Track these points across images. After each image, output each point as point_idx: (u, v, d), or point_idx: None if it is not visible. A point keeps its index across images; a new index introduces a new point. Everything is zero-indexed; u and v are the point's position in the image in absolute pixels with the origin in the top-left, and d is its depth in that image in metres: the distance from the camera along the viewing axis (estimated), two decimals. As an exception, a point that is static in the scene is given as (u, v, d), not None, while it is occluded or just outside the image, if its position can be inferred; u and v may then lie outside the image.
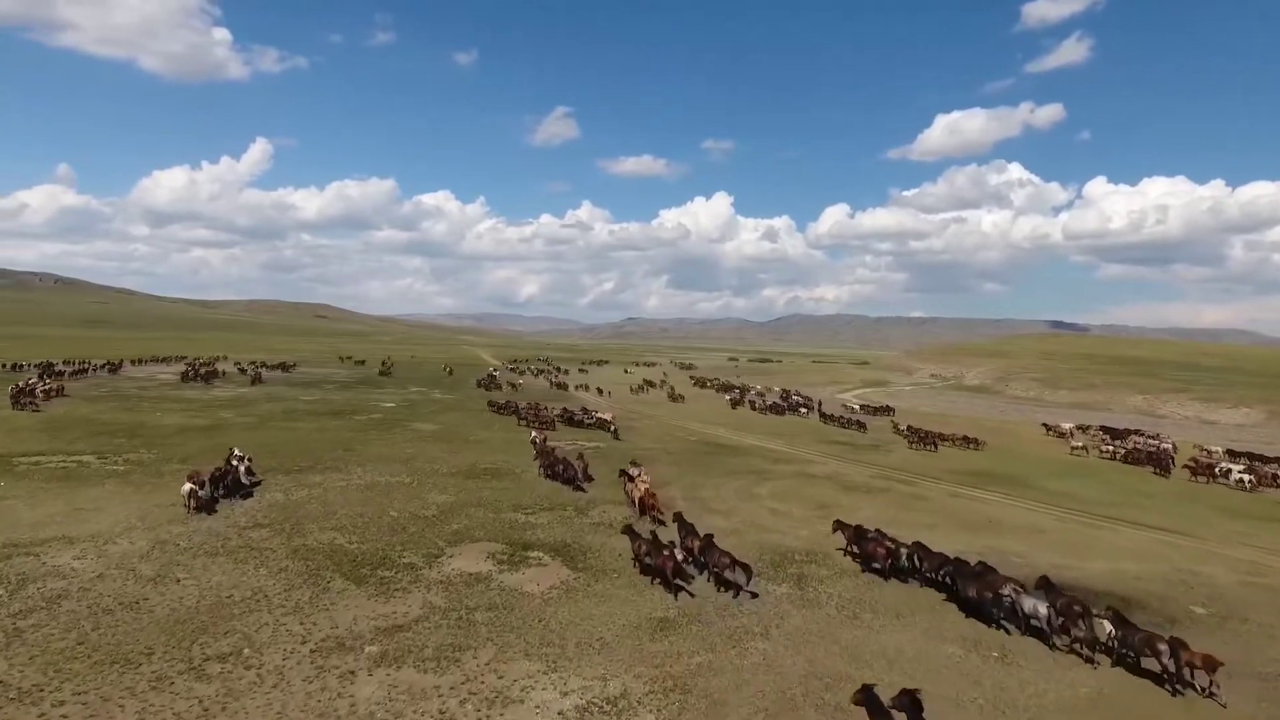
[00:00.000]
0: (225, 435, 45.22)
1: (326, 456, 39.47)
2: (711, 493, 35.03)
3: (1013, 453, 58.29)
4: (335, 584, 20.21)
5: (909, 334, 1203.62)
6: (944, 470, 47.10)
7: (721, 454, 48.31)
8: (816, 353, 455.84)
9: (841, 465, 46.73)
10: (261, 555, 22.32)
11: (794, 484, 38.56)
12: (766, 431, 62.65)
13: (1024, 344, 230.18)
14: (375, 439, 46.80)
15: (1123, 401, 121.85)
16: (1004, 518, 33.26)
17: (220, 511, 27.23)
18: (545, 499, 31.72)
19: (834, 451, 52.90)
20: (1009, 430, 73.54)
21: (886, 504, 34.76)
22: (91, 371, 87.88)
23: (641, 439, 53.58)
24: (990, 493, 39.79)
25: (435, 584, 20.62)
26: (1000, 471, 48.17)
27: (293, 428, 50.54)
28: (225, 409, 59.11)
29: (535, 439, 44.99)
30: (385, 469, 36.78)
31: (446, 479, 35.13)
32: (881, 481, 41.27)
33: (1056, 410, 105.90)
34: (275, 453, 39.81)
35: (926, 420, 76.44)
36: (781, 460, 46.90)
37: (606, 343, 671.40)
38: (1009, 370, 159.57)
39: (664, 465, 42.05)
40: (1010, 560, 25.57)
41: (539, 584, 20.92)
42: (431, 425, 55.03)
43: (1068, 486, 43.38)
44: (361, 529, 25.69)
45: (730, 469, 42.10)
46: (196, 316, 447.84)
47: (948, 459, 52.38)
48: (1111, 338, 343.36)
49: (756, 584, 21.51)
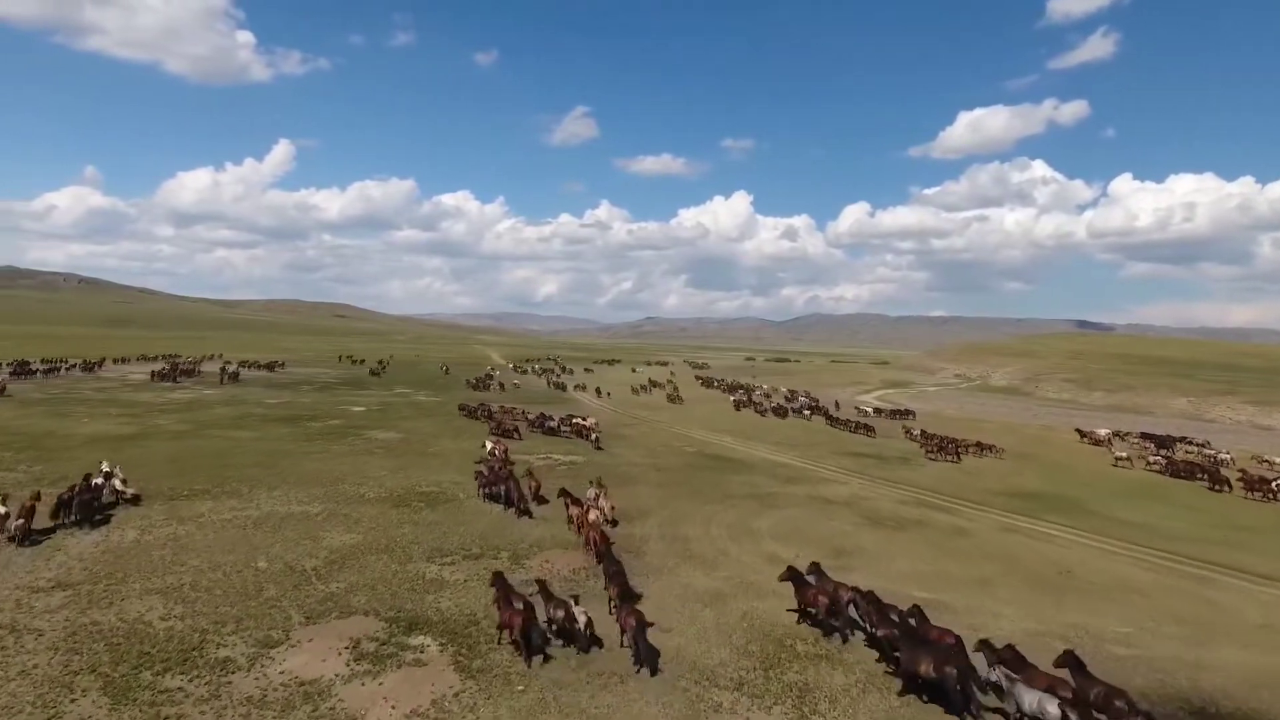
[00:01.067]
0: (140, 446, 38.74)
1: (239, 475, 32.59)
2: (698, 528, 27.60)
3: (1058, 466, 50.23)
4: (79, 707, 13.11)
5: (929, 333, 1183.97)
6: (985, 491, 39.38)
7: (721, 470, 40.84)
8: (836, 352, 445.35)
9: (864, 485, 39.13)
10: (16, 643, 15.34)
11: (805, 514, 31.00)
12: (778, 441, 55.03)
13: (1051, 343, 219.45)
14: (315, 452, 39.93)
15: (1165, 404, 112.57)
16: (1079, 566, 25.41)
17: (25, 554, 20.35)
18: (477, 540, 24.49)
19: (856, 466, 45.27)
20: (1048, 438, 65.21)
21: (924, 545, 27.08)
22: (64, 370, 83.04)
23: (629, 450, 46.28)
24: (1049, 524, 32.00)
25: (232, 708, 13.47)
26: (1051, 492, 40.37)
27: (228, 437, 43.83)
28: (167, 414, 52.61)
29: (490, 451, 38.08)
30: (300, 493, 29.81)
31: (366, 508, 28.05)
32: (914, 508, 33.58)
33: (1094, 415, 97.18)
34: (181, 469, 33.10)
35: (955, 426, 68.47)
36: (793, 479, 39.38)
37: (623, 342, 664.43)
38: (1038, 371, 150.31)
39: (647, 487, 34.70)
40: (1112, 651, 17.90)
41: (394, 710, 13.67)
42: (392, 434, 48.07)
43: (1140, 514, 35.47)
44: (200, 593, 18.64)
45: (728, 491, 34.62)
46: (215, 316, 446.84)
47: (984, 474, 44.61)
48: (1142, 337, 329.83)
49: (735, 706, 14.17)
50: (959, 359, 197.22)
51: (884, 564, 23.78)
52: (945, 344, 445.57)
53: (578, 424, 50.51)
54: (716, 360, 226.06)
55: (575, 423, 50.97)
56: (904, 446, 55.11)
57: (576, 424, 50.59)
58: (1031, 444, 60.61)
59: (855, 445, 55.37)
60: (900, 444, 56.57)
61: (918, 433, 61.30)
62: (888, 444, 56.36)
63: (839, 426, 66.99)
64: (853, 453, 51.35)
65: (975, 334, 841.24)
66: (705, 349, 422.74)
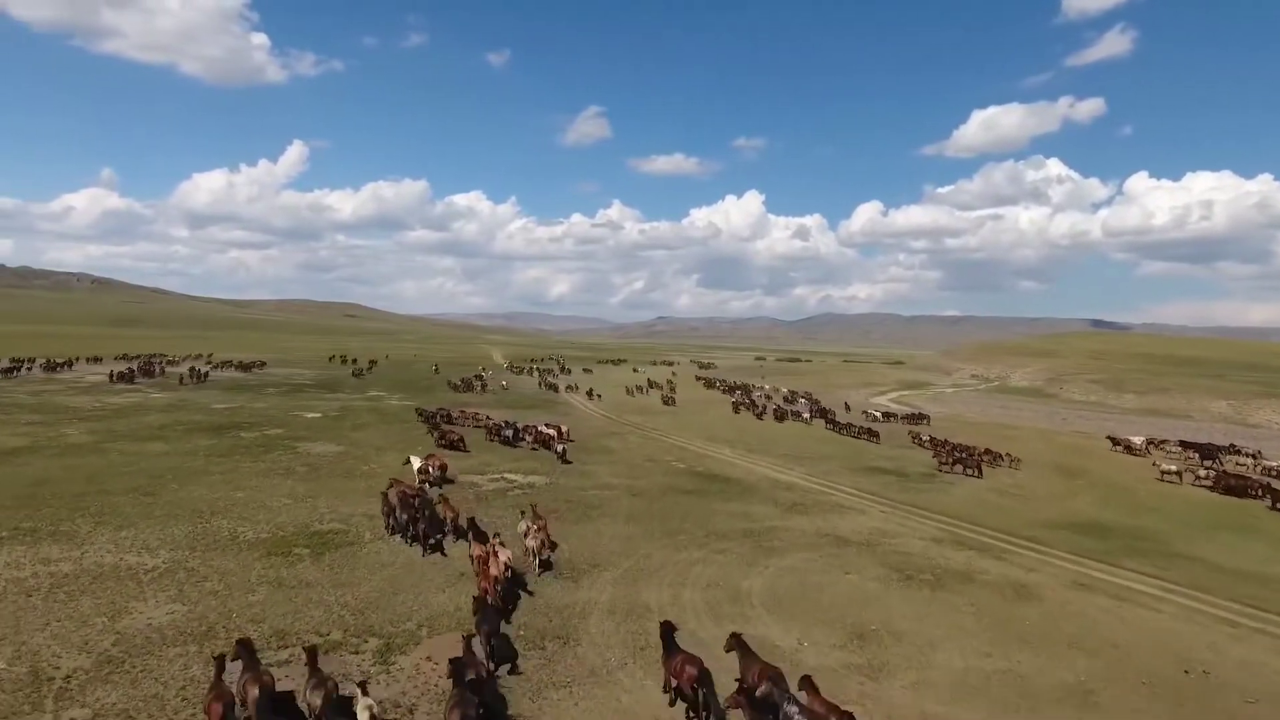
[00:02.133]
0: (9, 464, 32.02)
1: (98, 506, 25.69)
2: (666, 592, 20.30)
3: (1110, 484, 42.56)
4: None
5: (942, 333, 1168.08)
6: (1035, 521, 31.97)
7: (710, 495, 33.51)
8: (848, 352, 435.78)
9: (886, 514, 31.77)
10: None
11: (813, 563, 23.63)
12: (784, 453, 47.65)
13: (1071, 342, 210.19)
14: (219, 471, 32.95)
15: (1204, 408, 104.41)
16: (1211, 657, 17.77)
17: None
18: (350, 613, 17.36)
19: (874, 486, 37.93)
20: (1087, 448, 57.23)
21: (976, 618, 19.53)
22: (25, 369, 78.03)
23: (605, 466, 39.08)
24: (1132, 574, 24.52)
25: None
26: (1116, 522, 32.95)
27: (132, 451, 36.98)
28: (86, 422, 45.89)
29: (419, 469, 31.20)
30: (155, 534, 22.83)
31: (226, 558, 21.02)
32: (953, 551, 26.14)
33: (1127, 419, 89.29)
34: (32, 497, 26.34)
35: (980, 432, 60.96)
36: (798, 506, 32.06)
37: (634, 342, 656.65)
38: (1060, 371, 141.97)
39: (612, 522, 27.45)
40: None
41: None
42: (331, 447, 41.12)
43: (1237, 555, 27.97)
44: None
45: (715, 528, 27.29)
46: (225, 316, 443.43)
47: (1027, 497, 37.29)
48: (1166, 336, 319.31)
49: None
50: (975, 359, 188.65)
51: (926, 656, 16.50)
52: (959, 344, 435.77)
53: (542, 433, 43.30)
54: (727, 360, 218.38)
55: (540, 431, 43.74)
56: (929, 459, 47.62)
57: (541, 433, 43.38)
58: (1069, 454, 53.01)
59: (872, 458, 47.93)
60: (925, 456, 49.08)
61: (926, 439, 54.31)
62: (909, 456, 48.96)
63: (843, 432, 60.31)
64: (870, 468, 43.98)
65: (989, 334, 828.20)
66: (717, 349, 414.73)
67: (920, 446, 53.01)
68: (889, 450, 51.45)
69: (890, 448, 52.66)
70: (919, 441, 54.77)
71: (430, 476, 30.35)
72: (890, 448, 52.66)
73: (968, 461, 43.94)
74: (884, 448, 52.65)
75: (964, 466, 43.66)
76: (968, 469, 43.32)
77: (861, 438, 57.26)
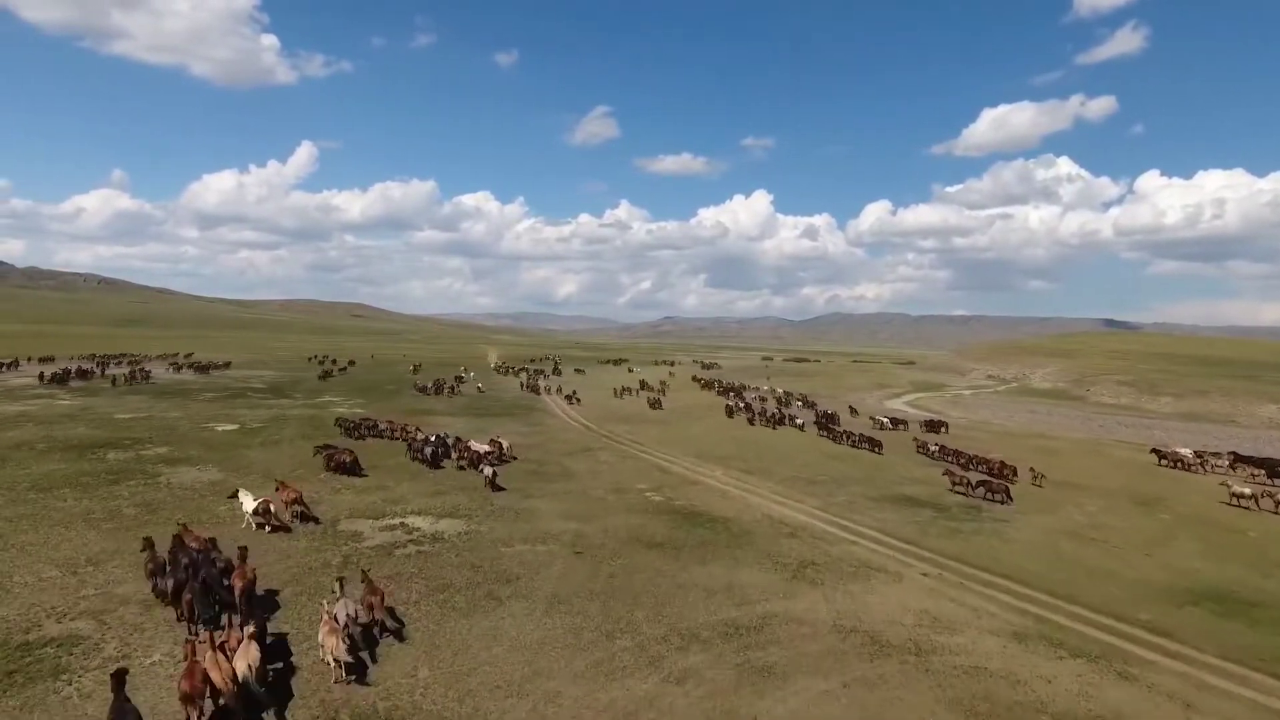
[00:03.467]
0: None
1: None
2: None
3: (1205, 522, 32.93)
4: None
5: (952, 333, 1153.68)
6: (1141, 591, 22.61)
7: (685, 551, 24.13)
8: (856, 352, 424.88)
9: (931, 581, 22.41)
10: None
11: (832, 705, 14.48)
12: (790, 476, 38.26)
13: (1088, 341, 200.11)
14: (13, 516, 24.02)
15: (1250, 412, 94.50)
16: None
17: None
18: None
19: (907, 527, 28.55)
20: (1151, 467, 47.54)
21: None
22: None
23: (552, 500, 29.81)
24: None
25: None
26: (1249, 586, 23.60)
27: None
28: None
29: (255, 510, 22.22)
30: None
31: None
32: (1051, 661, 16.74)
33: (1168, 426, 79.66)
34: None
35: (1015, 445, 51.61)
36: (809, 571, 22.70)
37: (641, 342, 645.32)
38: (1083, 372, 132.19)
39: (527, 615, 18.18)
40: None
41: None
42: (207, 474, 31.92)
43: None
44: None
45: (683, 622, 17.98)
46: (230, 316, 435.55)
47: (1112, 544, 27.83)
48: (1185, 336, 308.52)
49: None
50: (990, 358, 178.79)
51: None
52: (969, 343, 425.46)
53: (475, 451, 34.04)
54: (734, 360, 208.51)
55: (471, 450, 34.45)
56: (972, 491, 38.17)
57: (473, 451, 34.10)
58: (1134, 475, 43.48)
59: (897, 480, 38.43)
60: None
61: (934, 449, 45.45)
62: (947, 491, 39.16)
63: (841, 441, 51.42)
64: (897, 496, 34.57)
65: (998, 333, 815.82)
66: (724, 349, 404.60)
67: (929, 458, 44.48)
68: (916, 470, 41.94)
69: (917, 465, 43.28)
70: (925, 452, 46.27)
71: (268, 519, 21.27)
72: (917, 465, 43.28)
73: (993, 485, 34.68)
74: (911, 466, 43.14)
75: (988, 490, 34.47)
76: (992, 493, 34.09)
77: (861, 447, 48.48)
